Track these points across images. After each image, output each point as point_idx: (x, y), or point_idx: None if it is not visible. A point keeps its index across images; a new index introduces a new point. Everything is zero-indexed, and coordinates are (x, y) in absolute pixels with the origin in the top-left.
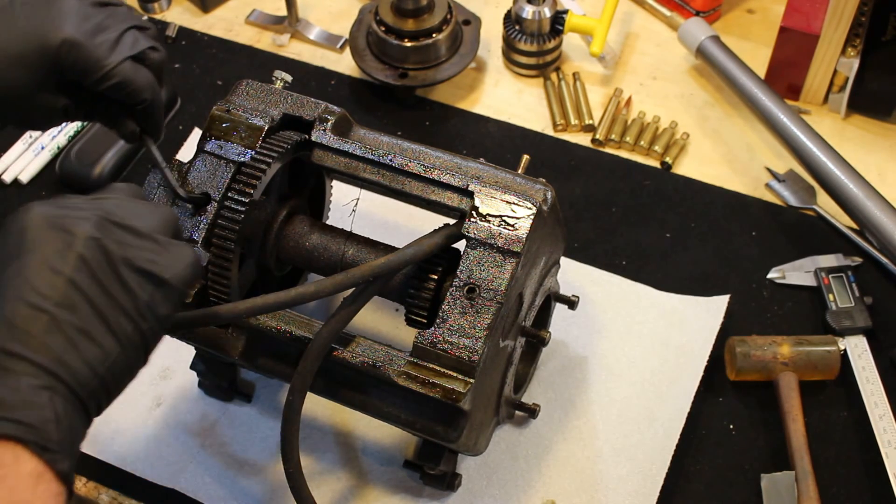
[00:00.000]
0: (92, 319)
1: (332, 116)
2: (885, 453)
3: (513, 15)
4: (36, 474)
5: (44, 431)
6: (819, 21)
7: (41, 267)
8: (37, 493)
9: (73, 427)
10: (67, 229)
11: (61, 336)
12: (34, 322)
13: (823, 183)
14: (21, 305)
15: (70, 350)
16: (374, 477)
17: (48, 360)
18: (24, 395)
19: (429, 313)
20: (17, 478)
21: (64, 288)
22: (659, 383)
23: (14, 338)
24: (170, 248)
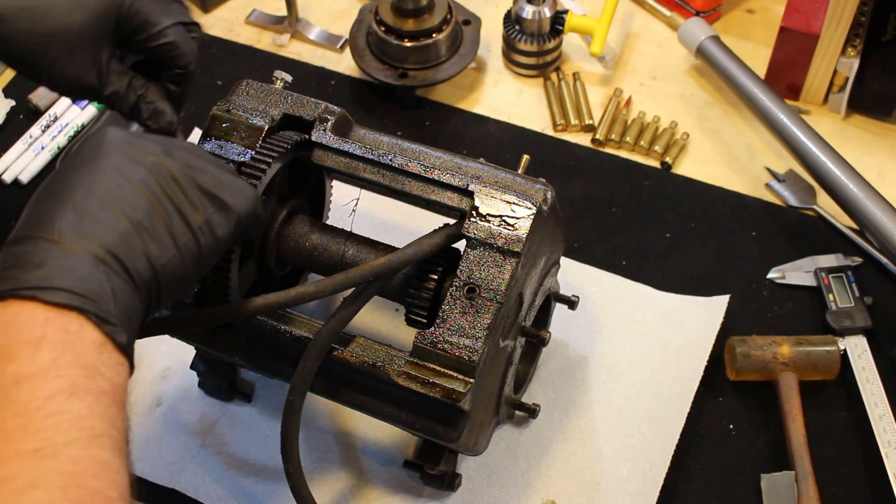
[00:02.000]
0: (154, 219)
1: (332, 116)
2: (885, 453)
3: (513, 15)
4: (99, 343)
5: (103, 304)
6: (819, 21)
7: (112, 170)
8: (102, 359)
9: (129, 306)
10: (141, 148)
11: (123, 226)
12: (100, 210)
13: (823, 183)
14: (90, 197)
15: (131, 239)
16: (374, 477)
17: (110, 243)
18: (84, 271)
19: (429, 313)
20: (83, 344)
21: (131, 189)
22: (659, 383)
23: (80, 220)
24: (233, 182)
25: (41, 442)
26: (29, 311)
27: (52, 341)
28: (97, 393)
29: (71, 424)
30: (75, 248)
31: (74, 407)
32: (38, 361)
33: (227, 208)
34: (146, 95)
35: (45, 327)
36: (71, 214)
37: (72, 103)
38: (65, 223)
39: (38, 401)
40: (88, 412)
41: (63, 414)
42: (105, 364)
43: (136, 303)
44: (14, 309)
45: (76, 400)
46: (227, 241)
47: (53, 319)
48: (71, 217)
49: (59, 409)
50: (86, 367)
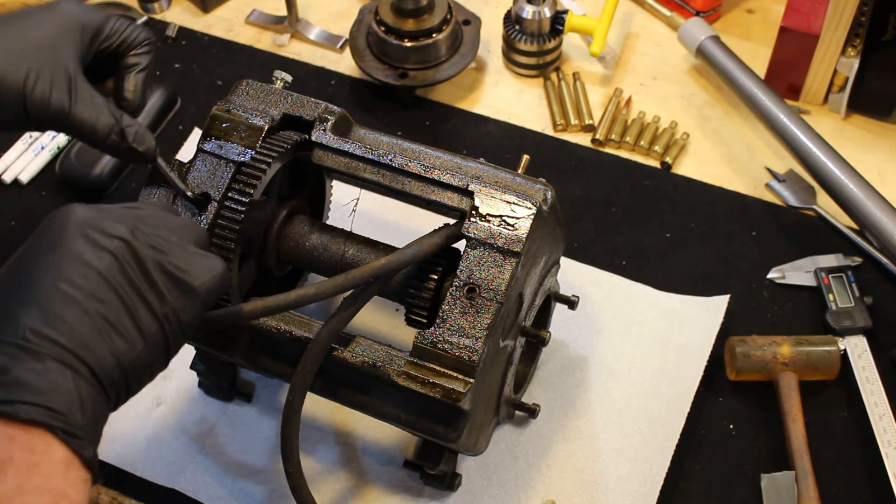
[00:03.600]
0: (120, 313)
1: (332, 116)
2: (885, 453)
3: (513, 15)
4: (66, 461)
5: (71, 417)
6: (819, 21)
7: (75, 261)
8: (68, 480)
9: (96, 414)
10: (103, 230)
11: (90, 324)
12: (65, 308)
13: (823, 183)
14: (54, 292)
15: (97, 338)
16: (374, 477)
17: (76, 345)
18: (51, 379)
19: (429, 313)
20: (49, 465)
21: (96, 281)
22: (659, 383)
23: (46, 321)
24: (199, 259)
25: None
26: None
27: (17, 464)
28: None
29: None
30: (41, 354)
31: None
32: (3, 486)
33: (192, 292)
34: (123, 120)
35: (11, 448)
36: (35, 314)
37: None
38: (29, 324)
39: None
40: None
41: None
42: (71, 485)
43: (103, 407)
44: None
45: None
46: (193, 325)
47: (19, 438)
48: (35, 316)
49: None
50: (52, 492)
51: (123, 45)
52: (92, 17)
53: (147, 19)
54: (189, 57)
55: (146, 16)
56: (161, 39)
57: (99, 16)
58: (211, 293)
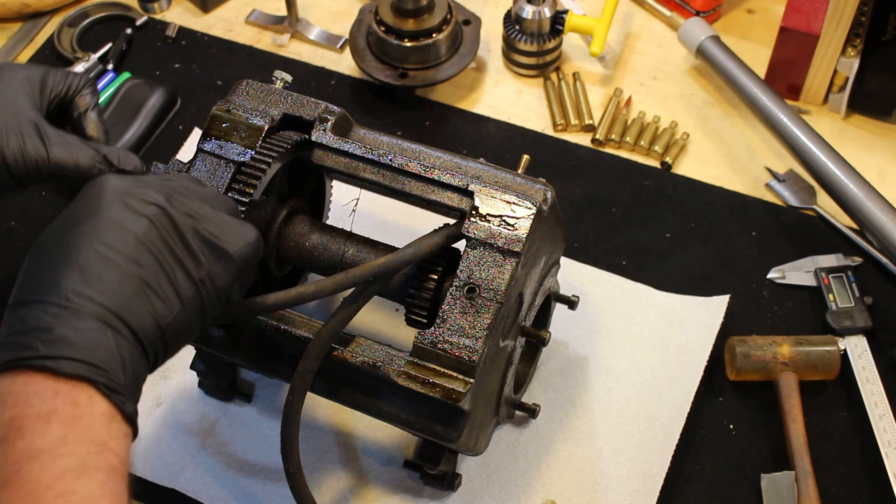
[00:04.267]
0: (158, 276)
1: (332, 116)
2: (885, 453)
3: (513, 15)
4: (108, 415)
5: (112, 374)
6: (819, 21)
7: (113, 225)
8: (110, 433)
9: (136, 372)
10: (140, 197)
11: (129, 285)
12: (105, 269)
13: (823, 183)
14: (93, 255)
15: (136, 299)
16: (374, 477)
17: (116, 305)
18: (92, 337)
19: (429, 313)
20: (92, 418)
21: (134, 244)
22: (659, 383)
23: (86, 282)
24: (233, 226)
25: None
26: (39, 382)
27: (61, 415)
28: (106, 470)
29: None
30: (83, 313)
31: (84, 487)
32: (47, 437)
33: (227, 258)
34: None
35: (55, 400)
36: (76, 275)
37: None
38: (70, 286)
39: (49, 479)
40: (98, 492)
41: (73, 494)
42: (113, 437)
43: (143, 367)
44: (24, 379)
45: (86, 479)
46: (227, 290)
47: (63, 392)
48: (76, 278)
49: (69, 489)
50: (95, 443)
51: (70, 92)
52: (33, 72)
53: (147, 19)
54: (189, 57)
55: (146, 16)
56: (161, 39)
57: (39, 70)
58: (246, 260)
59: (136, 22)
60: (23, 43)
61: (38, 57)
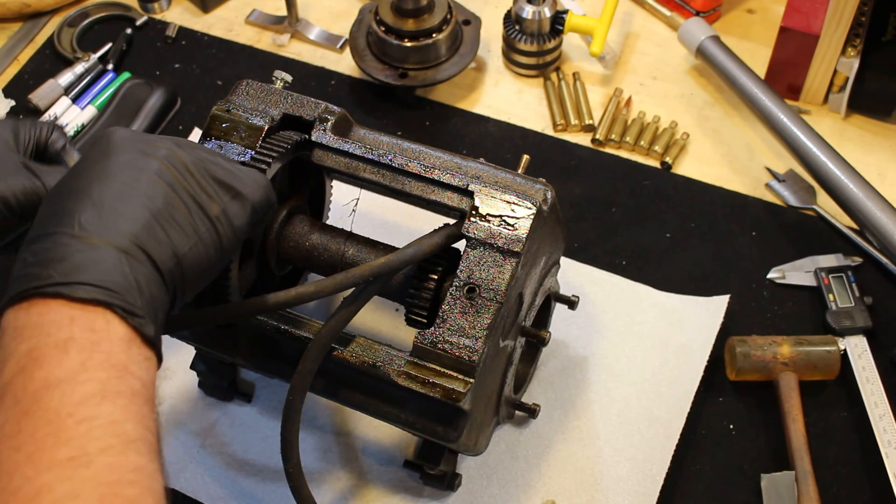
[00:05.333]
0: (174, 209)
1: (332, 116)
2: (885, 453)
3: (513, 15)
4: (127, 339)
5: (129, 296)
6: (819, 21)
7: (127, 164)
8: (131, 356)
9: (154, 297)
10: (151, 142)
11: (144, 216)
12: (118, 202)
13: (823, 183)
14: (107, 190)
15: (152, 228)
16: (374, 477)
17: (132, 233)
18: (108, 262)
19: (429, 313)
20: (110, 342)
21: (147, 181)
22: (659, 383)
23: (100, 213)
24: (243, 171)
25: (75, 450)
26: (54, 310)
27: (79, 342)
28: (129, 394)
29: (104, 430)
30: (97, 241)
31: (106, 411)
32: (66, 365)
33: (241, 197)
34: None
35: (72, 327)
36: (90, 208)
37: (72, 103)
38: (85, 217)
39: (70, 406)
40: (121, 415)
41: (95, 419)
42: (134, 361)
43: (162, 293)
44: (39, 309)
45: (108, 403)
46: (244, 231)
47: (79, 318)
48: (90, 211)
49: (91, 415)
50: (115, 367)
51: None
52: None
53: (147, 19)
54: (189, 57)
55: (146, 16)
56: (161, 39)
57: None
58: (259, 203)
59: (136, 22)
60: (23, 43)
61: (39, 57)
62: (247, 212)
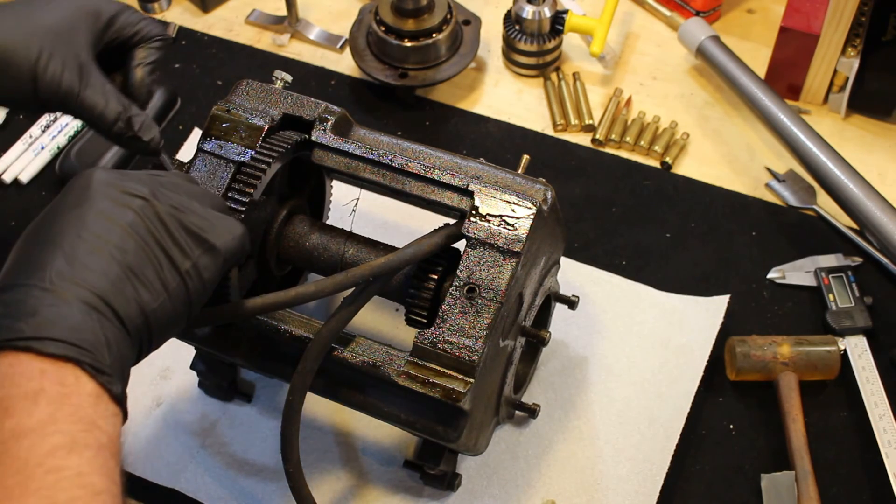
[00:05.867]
0: (143, 264)
1: (332, 116)
2: (885, 453)
3: (513, 15)
4: (95, 395)
5: (98, 354)
6: (819, 21)
7: (99, 216)
8: (98, 411)
9: (122, 355)
10: (125, 190)
11: (114, 271)
12: (90, 256)
13: (823, 183)
14: (79, 241)
15: (121, 285)
16: (374, 477)
17: (101, 289)
18: (77, 319)
19: (429, 313)
20: (79, 397)
21: (119, 233)
22: (659, 383)
23: (71, 266)
24: (219, 220)
25: (43, 500)
26: (25, 363)
27: (49, 394)
28: (96, 447)
29: (71, 482)
30: (67, 296)
31: (74, 463)
32: (35, 416)
33: (213, 250)
34: (131, 109)
35: (42, 380)
36: (61, 260)
37: None
38: (55, 270)
39: (38, 457)
40: (88, 468)
41: (63, 471)
42: (101, 416)
43: (129, 350)
44: (10, 360)
45: (76, 456)
46: (213, 283)
47: (49, 372)
48: (61, 263)
49: (60, 466)
50: (83, 421)
51: (135, 38)
52: (107, 6)
53: None
54: (189, 57)
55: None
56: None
57: (114, 6)
58: (232, 253)
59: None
60: None
61: None
62: (218, 265)
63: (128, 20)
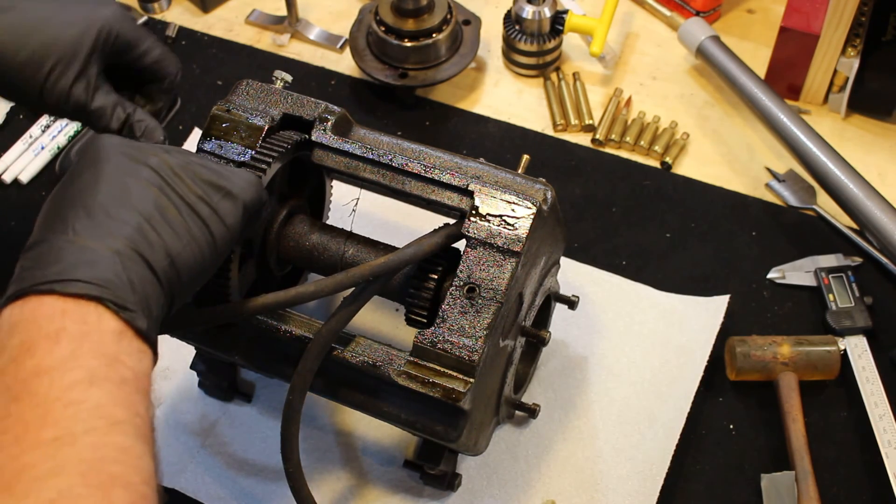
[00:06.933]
0: (165, 212)
1: (332, 116)
2: (885, 453)
3: (513, 15)
4: (118, 331)
5: (120, 291)
6: (819, 21)
7: (117, 171)
8: (122, 347)
9: (148, 294)
10: (140, 149)
11: (137, 219)
12: (111, 207)
13: (823, 183)
14: (100, 196)
15: (144, 231)
16: (374, 477)
17: (125, 236)
18: (100, 261)
19: (429, 313)
20: (101, 333)
21: (138, 185)
22: (659, 383)
23: (92, 218)
24: (232, 172)
25: (60, 430)
26: (47, 304)
27: (70, 333)
28: (117, 381)
29: (90, 413)
30: (91, 244)
31: (94, 396)
32: (56, 354)
33: (231, 196)
34: (135, 114)
35: (63, 319)
36: (83, 214)
37: None
38: (79, 223)
39: (57, 391)
40: (108, 400)
41: (82, 403)
42: (125, 352)
43: (157, 292)
44: (32, 304)
45: (95, 389)
46: (237, 229)
47: (71, 311)
48: (83, 216)
49: (78, 399)
50: (105, 356)
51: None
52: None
53: (147, 19)
54: (189, 57)
55: (146, 16)
56: (161, 39)
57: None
58: (250, 200)
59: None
60: None
61: None
62: (238, 210)
63: (146, 49)
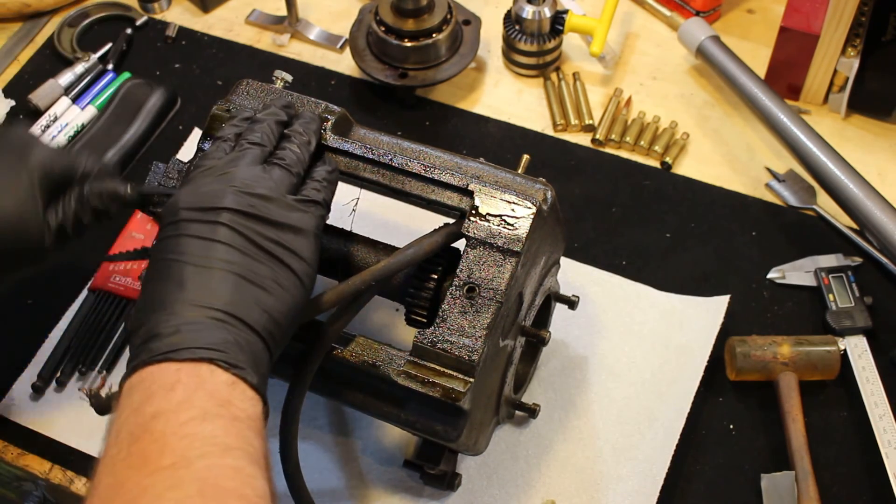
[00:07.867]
0: (251, 268)
1: (332, 116)
2: (885, 453)
3: (513, 15)
4: (230, 382)
5: (231, 353)
6: (819, 21)
7: (195, 240)
8: (234, 394)
9: (255, 354)
10: (209, 206)
11: (229, 285)
12: (201, 276)
13: (823, 183)
14: (188, 268)
15: (239, 293)
16: (374, 477)
17: (222, 303)
18: (207, 331)
19: (429, 313)
20: (214, 384)
21: (220, 250)
22: (659, 383)
23: (186, 291)
24: (295, 206)
25: (176, 458)
26: (163, 368)
27: (185, 384)
28: (230, 418)
29: (203, 442)
30: (194, 316)
31: (207, 429)
32: (172, 400)
33: (301, 231)
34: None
35: (179, 374)
36: (176, 289)
37: (72, 103)
38: (174, 298)
39: (173, 427)
40: (221, 432)
41: (196, 435)
42: (237, 398)
43: (261, 349)
44: (151, 370)
45: (208, 423)
46: (315, 260)
47: (186, 368)
48: (177, 291)
49: (192, 432)
50: (217, 399)
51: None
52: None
53: (147, 19)
54: (189, 57)
55: (146, 16)
56: (161, 39)
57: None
58: (317, 227)
59: (136, 22)
60: (23, 43)
61: (39, 57)
62: (311, 242)
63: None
